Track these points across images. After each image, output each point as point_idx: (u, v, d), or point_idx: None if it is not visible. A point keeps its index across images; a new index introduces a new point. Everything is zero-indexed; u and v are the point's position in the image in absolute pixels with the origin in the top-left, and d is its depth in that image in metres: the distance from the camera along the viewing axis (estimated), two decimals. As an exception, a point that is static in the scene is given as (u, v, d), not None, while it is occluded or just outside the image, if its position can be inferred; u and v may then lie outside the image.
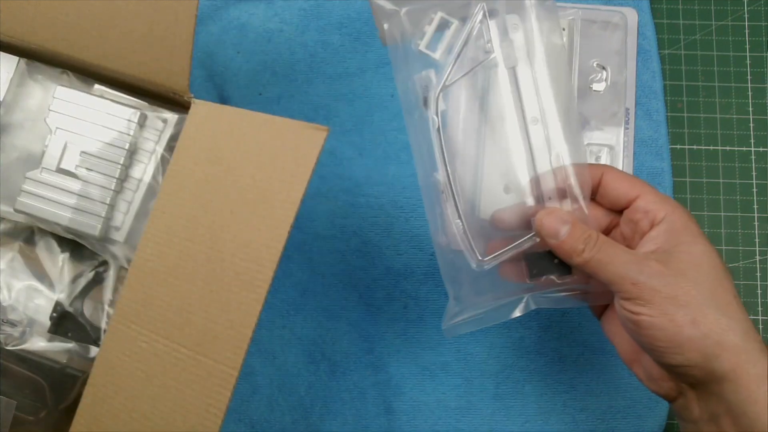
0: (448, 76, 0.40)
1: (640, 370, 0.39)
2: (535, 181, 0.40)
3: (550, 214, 0.38)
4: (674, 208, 0.37)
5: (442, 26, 0.40)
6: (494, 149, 0.41)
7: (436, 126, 0.40)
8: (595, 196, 0.40)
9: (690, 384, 0.36)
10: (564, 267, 0.39)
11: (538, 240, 0.39)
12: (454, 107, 0.41)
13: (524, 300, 0.41)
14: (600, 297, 0.40)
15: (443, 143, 0.40)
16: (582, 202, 0.39)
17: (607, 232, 0.41)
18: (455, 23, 0.40)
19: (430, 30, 0.40)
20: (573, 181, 0.39)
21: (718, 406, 0.34)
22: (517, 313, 0.41)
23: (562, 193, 0.39)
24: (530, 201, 0.40)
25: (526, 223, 0.40)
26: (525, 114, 0.40)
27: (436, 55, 0.40)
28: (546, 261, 0.39)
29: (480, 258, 0.40)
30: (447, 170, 0.40)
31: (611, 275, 0.35)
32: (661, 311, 0.34)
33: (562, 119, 0.40)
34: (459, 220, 0.40)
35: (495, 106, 0.41)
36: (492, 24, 0.40)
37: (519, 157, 0.40)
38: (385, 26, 0.40)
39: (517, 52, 0.40)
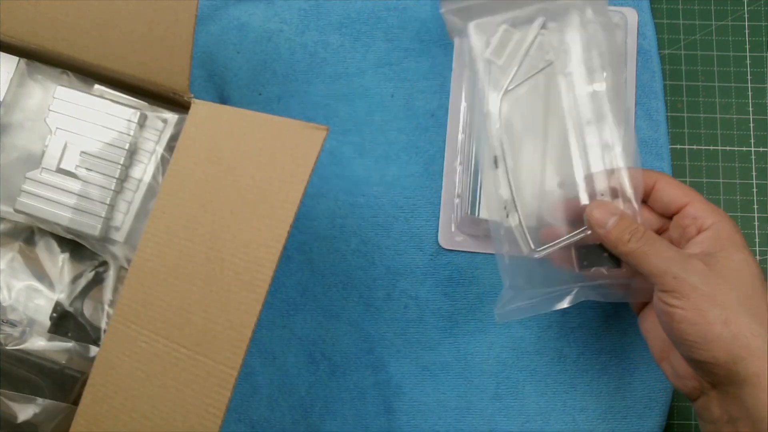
0: (510, 81, 0.45)
1: (668, 367, 0.41)
2: (589, 179, 0.43)
3: (600, 206, 0.40)
4: (722, 217, 0.39)
5: (507, 37, 0.45)
6: (552, 147, 0.45)
7: (497, 126, 0.45)
8: (647, 200, 0.42)
9: (712, 383, 0.37)
10: (613, 260, 0.41)
11: (589, 233, 0.42)
12: (515, 108, 0.46)
13: (573, 291, 0.44)
14: (641, 293, 0.42)
15: (503, 143, 0.44)
16: (634, 203, 0.42)
17: None
18: (518, 34, 0.45)
19: (495, 40, 0.45)
20: (626, 182, 0.42)
21: (738, 409, 0.35)
22: (565, 304, 0.44)
23: (615, 193, 0.42)
24: (584, 197, 0.43)
25: (578, 217, 0.43)
26: (581, 116, 0.44)
27: (500, 62, 0.45)
28: (596, 253, 0.42)
29: (533, 247, 0.44)
30: (506, 166, 0.44)
31: (654, 267, 0.37)
32: (695, 306, 0.35)
33: (618, 123, 0.44)
34: (516, 212, 0.44)
35: (554, 108, 0.45)
36: (553, 35, 0.45)
37: (575, 156, 0.44)
38: (455, 41, 0.45)
39: (574, 59, 0.45)
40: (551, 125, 0.45)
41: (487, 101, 0.45)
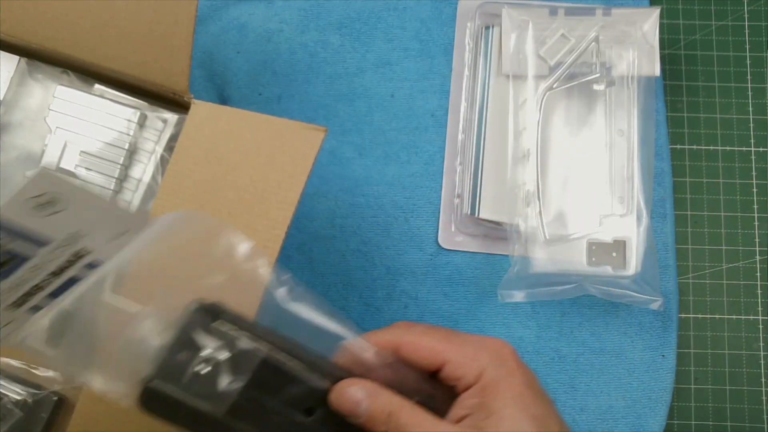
0: (557, 81, 0.49)
1: None
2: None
3: (351, 386, 0.32)
4: (484, 366, 0.33)
5: (562, 41, 0.49)
6: (578, 152, 0.49)
7: (537, 119, 0.48)
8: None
9: None
10: (622, 262, 0.42)
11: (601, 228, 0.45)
12: (552, 107, 0.50)
13: (576, 284, 0.46)
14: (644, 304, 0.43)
15: (539, 137, 0.48)
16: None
17: None
18: (572, 41, 0.49)
19: (551, 41, 0.49)
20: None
21: None
22: (565, 295, 0.46)
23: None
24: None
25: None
26: (612, 127, 0.49)
27: (551, 62, 0.49)
28: (606, 251, 0.42)
29: (547, 237, 0.47)
30: (537, 159, 0.48)
31: None
32: None
33: (640, 145, 0.48)
34: (538, 203, 0.47)
35: (590, 116, 0.49)
36: (601, 50, 0.49)
37: (600, 166, 0.48)
38: (513, 35, 0.49)
39: (616, 75, 0.49)
40: (584, 131, 0.49)
41: (529, 93, 0.49)
